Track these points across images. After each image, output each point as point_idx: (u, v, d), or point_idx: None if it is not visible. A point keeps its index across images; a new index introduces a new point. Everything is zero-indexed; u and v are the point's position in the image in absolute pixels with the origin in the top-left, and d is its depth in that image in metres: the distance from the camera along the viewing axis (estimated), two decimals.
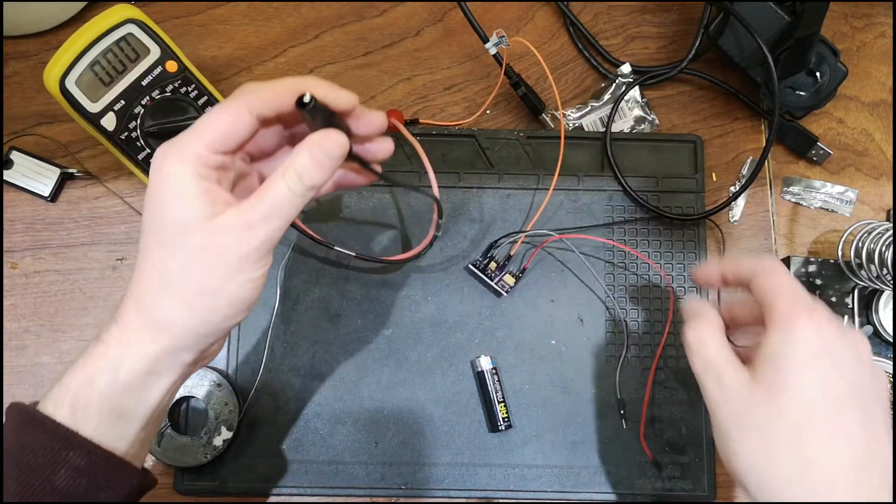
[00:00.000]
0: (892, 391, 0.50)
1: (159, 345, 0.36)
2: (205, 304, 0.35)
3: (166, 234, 0.35)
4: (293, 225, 0.53)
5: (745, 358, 0.39)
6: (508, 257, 0.54)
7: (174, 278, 0.35)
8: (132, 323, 0.36)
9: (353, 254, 0.53)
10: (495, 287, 0.54)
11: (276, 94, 0.36)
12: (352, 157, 0.37)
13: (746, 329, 0.43)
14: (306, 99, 0.34)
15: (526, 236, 0.54)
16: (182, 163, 0.35)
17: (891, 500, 0.34)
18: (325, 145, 0.35)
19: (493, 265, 0.54)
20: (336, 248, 0.53)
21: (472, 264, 0.54)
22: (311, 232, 0.52)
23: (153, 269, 0.36)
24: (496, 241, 0.54)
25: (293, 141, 0.40)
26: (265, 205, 0.35)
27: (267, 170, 0.40)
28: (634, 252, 0.55)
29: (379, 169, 0.40)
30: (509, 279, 0.54)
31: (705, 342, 0.40)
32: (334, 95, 0.36)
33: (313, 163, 0.35)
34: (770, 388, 0.37)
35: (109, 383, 0.35)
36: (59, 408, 0.35)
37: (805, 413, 0.36)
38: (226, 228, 0.35)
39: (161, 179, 0.35)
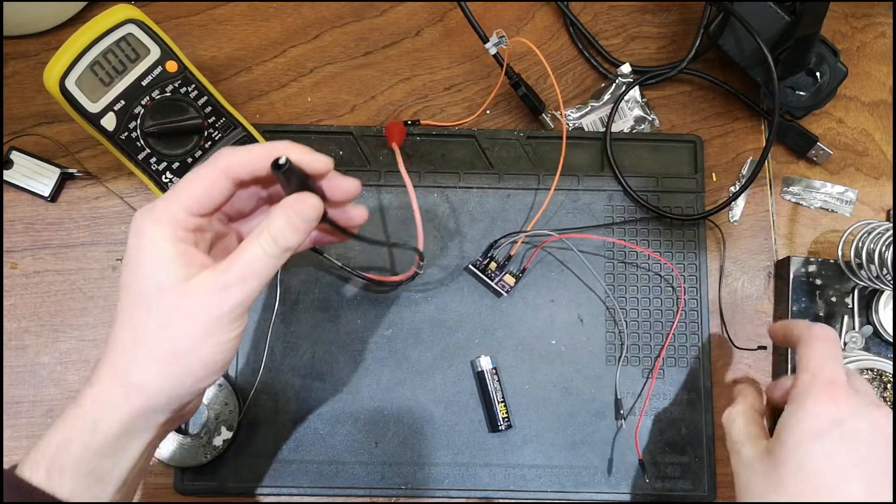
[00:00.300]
0: (892, 391, 0.50)
1: (133, 406, 0.36)
2: (178, 366, 0.36)
3: (143, 294, 0.36)
4: None
5: None
6: (508, 257, 0.54)
7: (149, 340, 0.36)
8: (106, 384, 0.36)
9: (339, 264, 0.53)
10: (495, 287, 0.54)
11: (253, 157, 0.37)
12: (325, 220, 0.38)
13: None
14: (281, 161, 0.35)
15: (526, 236, 0.54)
16: (159, 225, 0.36)
17: None
18: (299, 208, 0.36)
19: (493, 265, 0.54)
20: (325, 255, 0.53)
21: (473, 264, 0.54)
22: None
23: (128, 331, 0.36)
24: (496, 242, 0.54)
25: (271, 201, 0.41)
26: (240, 267, 0.35)
27: (245, 229, 0.41)
28: (637, 248, 0.55)
29: (354, 231, 0.41)
30: (509, 279, 0.54)
31: (734, 420, 0.44)
32: (309, 159, 0.37)
33: (288, 225, 0.36)
34: (775, 460, 0.39)
35: (84, 446, 0.35)
36: (35, 471, 0.35)
37: (804, 485, 0.37)
38: (200, 290, 0.35)
39: (138, 241, 0.36)
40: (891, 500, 0.37)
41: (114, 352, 0.37)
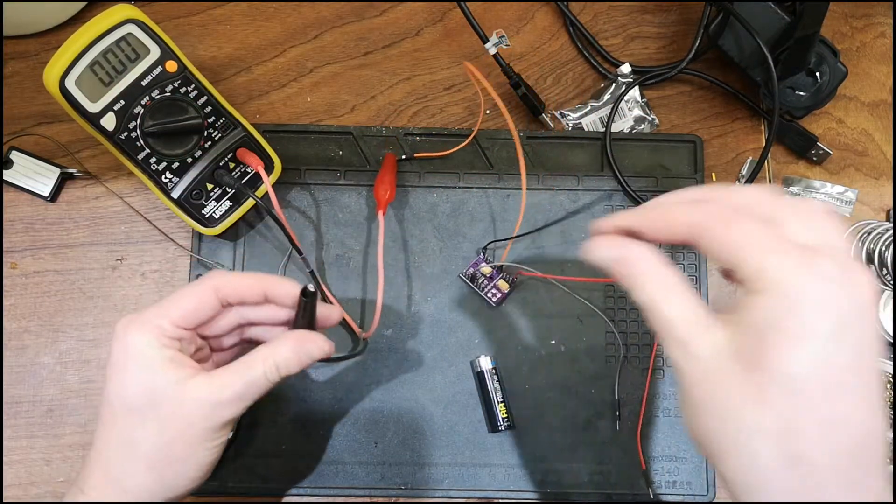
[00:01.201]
0: (892, 391, 0.50)
1: None
2: (174, 471, 0.37)
3: (134, 402, 0.37)
4: (279, 224, 0.53)
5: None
6: (500, 267, 0.54)
7: (143, 449, 0.37)
8: (100, 491, 0.37)
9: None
10: (485, 297, 0.54)
11: (244, 284, 0.39)
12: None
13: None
14: (311, 288, 0.39)
15: (521, 236, 0.54)
16: (144, 333, 0.37)
17: (884, 485, 0.29)
18: (309, 348, 0.39)
19: (486, 270, 0.54)
20: (304, 255, 0.53)
21: (463, 275, 0.54)
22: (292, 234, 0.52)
23: (120, 439, 0.37)
24: (485, 248, 0.54)
25: (248, 324, 0.43)
26: (239, 386, 0.37)
27: (214, 341, 0.42)
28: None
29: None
30: (503, 285, 0.54)
31: (658, 299, 0.32)
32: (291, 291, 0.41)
33: (295, 359, 0.38)
34: (752, 364, 0.29)
35: None
36: None
37: (794, 400, 0.28)
38: (197, 400, 0.36)
39: (124, 350, 0.37)
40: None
41: (105, 458, 0.37)
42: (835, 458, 0.28)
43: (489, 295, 0.54)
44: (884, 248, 0.50)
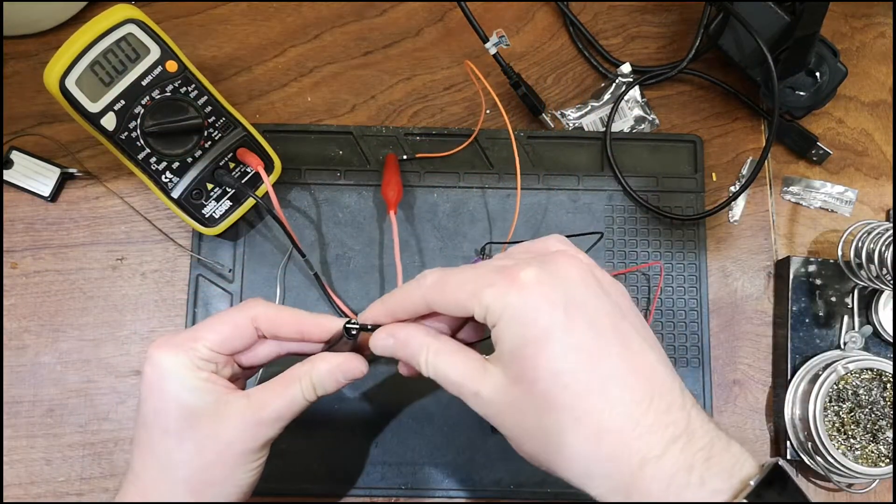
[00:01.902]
0: (892, 391, 0.50)
1: None
2: (214, 493, 0.36)
3: (170, 424, 0.36)
4: (280, 224, 0.53)
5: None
6: None
7: (182, 473, 0.36)
8: None
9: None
10: None
11: (283, 319, 0.39)
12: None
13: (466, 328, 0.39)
14: (354, 329, 0.38)
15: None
16: (177, 355, 0.36)
17: (690, 414, 0.33)
18: (346, 368, 0.38)
19: None
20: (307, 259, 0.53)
21: None
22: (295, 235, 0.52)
23: (158, 462, 0.36)
24: (483, 248, 0.54)
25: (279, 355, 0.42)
26: (279, 406, 0.37)
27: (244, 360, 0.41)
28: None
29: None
30: None
31: (440, 369, 0.35)
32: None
33: (331, 379, 0.38)
34: (525, 383, 0.33)
35: None
36: None
37: (569, 389, 0.32)
38: (236, 421, 0.36)
39: (158, 371, 0.36)
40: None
41: (143, 482, 0.37)
42: (623, 413, 0.32)
43: None
44: (884, 248, 0.50)
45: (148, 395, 0.37)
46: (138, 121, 0.48)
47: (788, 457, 0.52)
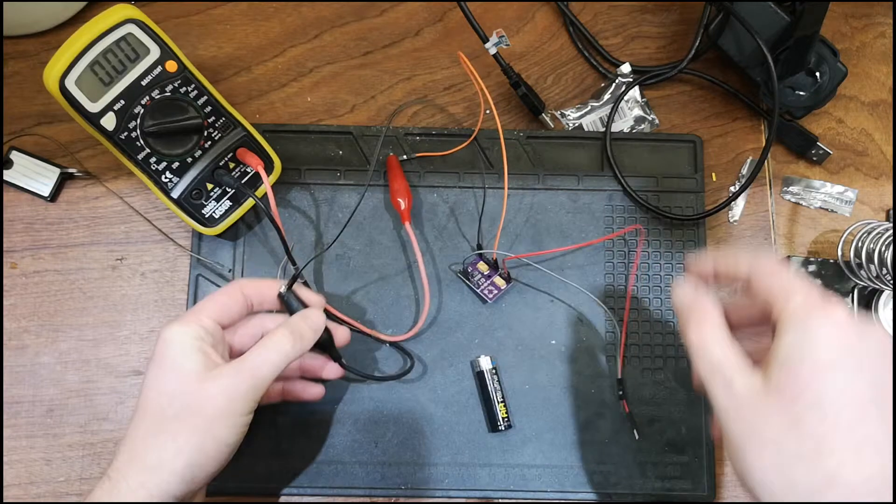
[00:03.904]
0: (892, 391, 0.50)
1: (150, 491, 0.39)
2: (192, 443, 0.40)
3: (167, 385, 0.41)
4: (276, 229, 0.53)
5: (754, 361, 0.36)
6: (494, 263, 0.54)
7: (168, 421, 0.40)
8: (123, 473, 0.40)
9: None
10: (481, 294, 0.54)
11: (263, 284, 0.46)
12: (321, 346, 0.46)
13: (744, 331, 0.39)
14: (282, 290, 0.45)
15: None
16: (185, 328, 0.41)
17: None
18: (301, 326, 0.44)
19: (483, 267, 0.54)
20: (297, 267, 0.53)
21: (459, 272, 0.54)
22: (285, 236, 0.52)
23: (149, 417, 0.41)
24: (480, 244, 0.54)
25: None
26: (254, 356, 0.42)
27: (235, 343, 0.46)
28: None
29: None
30: (500, 281, 0.54)
31: (710, 342, 0.36)
32: (306, 295, 0.47)
33: (290, 338, 0.43)
34: (785, 395, 0.33)
35: None
36: None
37: (826, 423, 0.32)
38: (220, 376, 0.40)
39: (164, 343, 0.41)
40: None
41: (132, 439, 0.41)
42: (867, 478, 0.31)
43: (485, 292, 0.54)
44: (884, 248, 0.50)
45: (152, 364, 0.41)
46: (138, 121, 0.48)
47: None
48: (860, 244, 0.51)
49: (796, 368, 0.33)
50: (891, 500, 0.31)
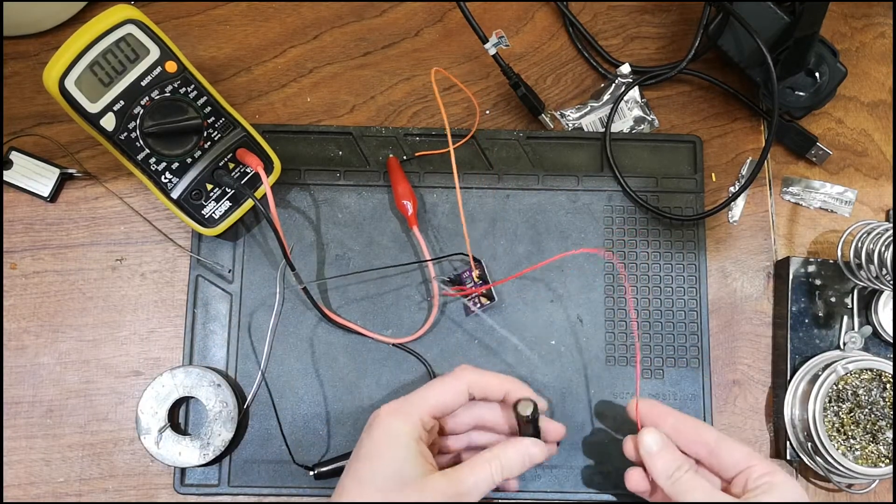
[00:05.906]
0: (891, 391, 0.50)
1: None
2: None
3: (388, 486, 0.41)
4: (274, 232, 0.53)
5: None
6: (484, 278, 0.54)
7: None
8: None
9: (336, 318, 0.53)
10: (466, 304, 0.54)
11: (492, 384, 0.45)
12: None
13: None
14: (528, 412, 0.43)
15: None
16: (408, 424, 0.42)
17: None
18: (533, 452, 0.44)
19: (475, 274, 0.54)
20: (299, 278, 0.53)
21: (443, 281, 0.54)
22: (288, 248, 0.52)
23: None
24: (475, 258, 0.54)
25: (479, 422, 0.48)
26: (471, 483, 0.42)
27: (443, 443, 0.47)
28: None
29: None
30: (484, 300, 0.54)
31: (687, 486, 0.43)
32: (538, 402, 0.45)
33: (518, 462, 0.43)
34: None
35: None
36: None
37: None
38: (437, 491, 0.41)
39: (387, 437, 0.42)
40: None
41: None
42: None
43: (471, 303, 0.54)
44: (883, 248, 0.50)
45: (371, 454, 0.42)
46: (138, 121, 0.48)
47: (788, 457, 0.52)
48: (860, 244, 0.51)
49: None
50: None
